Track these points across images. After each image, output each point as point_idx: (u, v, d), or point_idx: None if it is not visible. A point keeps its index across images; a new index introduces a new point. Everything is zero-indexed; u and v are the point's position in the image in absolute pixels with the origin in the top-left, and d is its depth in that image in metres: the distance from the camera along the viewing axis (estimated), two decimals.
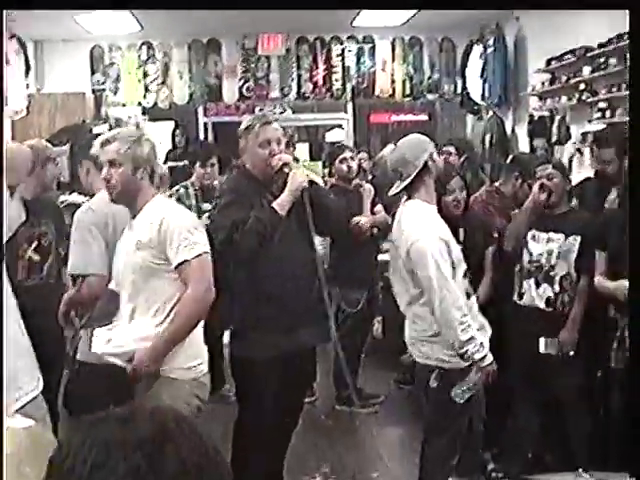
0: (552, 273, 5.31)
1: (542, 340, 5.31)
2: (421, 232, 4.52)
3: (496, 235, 5.74)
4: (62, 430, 4.36)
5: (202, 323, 4.14)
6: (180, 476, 1.37)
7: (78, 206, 5.10)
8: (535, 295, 5.37)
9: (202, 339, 4.23)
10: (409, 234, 4.56)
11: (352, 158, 7.33)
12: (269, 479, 5.21)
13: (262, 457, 4.93)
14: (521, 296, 5.45)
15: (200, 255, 4.05)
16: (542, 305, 5.34)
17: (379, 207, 7.15)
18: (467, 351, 4.40)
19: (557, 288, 5.29)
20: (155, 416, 1.47)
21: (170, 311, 4.05)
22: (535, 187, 5.42)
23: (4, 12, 4.82)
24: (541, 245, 5.37)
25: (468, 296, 4.61)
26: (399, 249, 4.64)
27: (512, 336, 5.46)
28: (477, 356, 4.43)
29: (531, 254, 5.40)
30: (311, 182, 5.01)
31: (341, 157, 7.25)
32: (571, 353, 5.26)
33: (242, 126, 5.01)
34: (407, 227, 4.63)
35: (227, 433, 4.99)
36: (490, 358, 4.49)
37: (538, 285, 5.36)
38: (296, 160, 7.59)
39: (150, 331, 4.04)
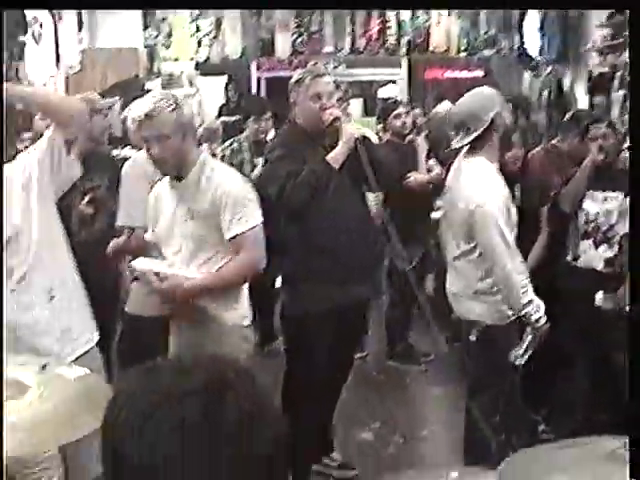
0: (611, 233, 5.23)
1: (599, 294, 5.23)
2: (487, 196, 4.45)
3: (552, 194, 5.66)
4: (117, 381, 4.40)
5: None
6: (236, 425, 1.37)
7: None
8: (594, 256, 5.30)
9: (246, 288, 4.26)
10: (473, 195, 4.49)
11: (406, 114, 7.27)
12: (319, 432, 5.24)
13: (311, 410, 4.94)
14: (576, 257, 5.38)
15: (253, 228, 4.03)
16: (600, 266, 5.26)
17: (432, 162, 7.10)
18: (527, 313, 4.43)
19: (616, 248, 5.21)
20: (214, 365, 1.46)
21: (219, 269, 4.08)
22: (593, 148, 5.34)
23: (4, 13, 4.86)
24: (598, 204, 5.29)
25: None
26: (458, 204, 4.57)
27: (566, 297, 5.40)
28: (534, 317, 4.45)
29: (587, 214, 5.32)
30: (363, 137, 4.96)
31: (395, 113, 7.20)
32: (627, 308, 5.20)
33: (293, 79, 4.97)
34: (470, 186, 4.56)
35: (277, 386, 4.99)
36: (545, 319, 4.49)
37: (597, 246, 5.28)
38: (349, 117, 7.55)
39: (194, 274, 4.07)
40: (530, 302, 4.43)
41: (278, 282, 5.33)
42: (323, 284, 4.78)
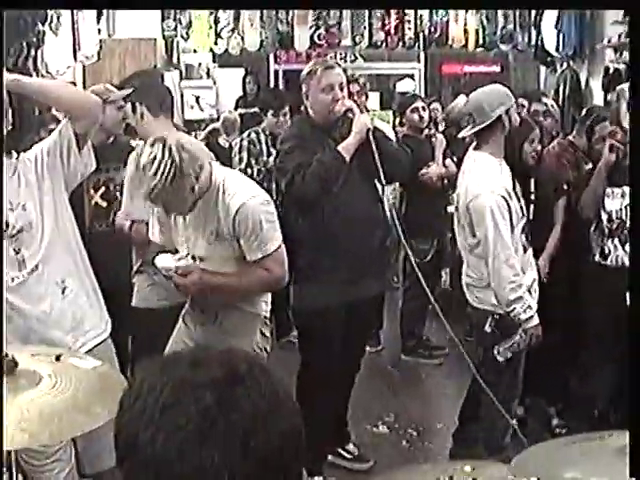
0: None
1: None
2: (482, 188, 4.56)
3: (565, 187, 5.68)
4: (134, 372, 4.42)
5: None
6: (250, 419, 1.38)
7: None
8: (622, 253, 5.30)
9: None
10: (470, 187, 4.63)
11: (424, 108, 7.27)
12: (334, 422, 5.25)
13: (326, 400, 4.92)
14: (605, 257, 5.38)
15: (276, 250, 3.97)
16: None
17: (448, 161, 7.11)
18: (514, 309, 4.50)
19: None
20: (227, 358, 1.47)
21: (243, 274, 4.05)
22: (605, 149, 5.38)
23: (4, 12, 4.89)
24: (617, 201, 5.30)
25: (525, 250, 4.67)
26: (460, 199, 4.71)
27: (593, 295, 5.42)
28: (523, 316, 4.52)
29: (610, 212, 5.33)
30: (375, 128, 4.93)
31: (413, 106, 7.20)
32: None
33: (304, 71, 4.95)
34: (469, 180, 4.69)
35: (293, 379, 4.99)
36: (536, 321, 4.56)
37: (624, 243, 5.28)
38: (367, 109, 7.53)
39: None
40: (519, 299, 4.49)
41: None
42: (333, 278, 4.76)
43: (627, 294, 5.15)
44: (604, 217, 5.36)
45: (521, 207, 4.73)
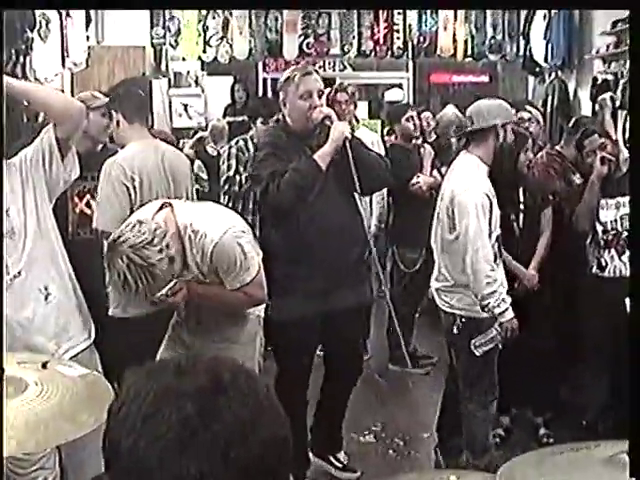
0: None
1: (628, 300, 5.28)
2: (469, 184, 4.68)
3: (552, 197, 5.71)
4: (124, 379, 4.39)
5: None
6: (231, 429, 1.38)
7: None
8: (620, 264, 5.33)
9: None
10: (458, 182, 4.75)
11: (418, 117, 7.29)
12: (324, 429, 5.26)
13: (302, 410, 4.94)
14: (603, 268, 5.41)
15: (254, 277, 3.98)
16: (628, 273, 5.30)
17: (436, 173, 7.12)
18: (489, 304, 4.58)
19: None
20: (213, 366, 1.47)
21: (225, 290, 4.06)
22: (597, 162, 5.44)
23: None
24: (612, 212, 5.34)
25: (495, 258, 4.70)
26: (445, 193, 4.79)
27: (591, 307, 5.47)
28: (497, 310, 4.59)
29: (604, 224, 5.36)
30: (353, 136, 4.84)
31: (408, 115, 7.20)
32: None
33: (282, 77, 4.89)
34: (457, 176, 4.82)
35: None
36: (510, 315, 4.63)
37: (621, 254, 5.32)
38: (356, 119, 7.53)
39: None
40: (493, 293, 4.56)
41: None
42: (308, 288, 4.69)
43: (627, 300, 5.23)
44: (599, 229, 5.41)
45: (500, 217, 4.78)
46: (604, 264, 5.39)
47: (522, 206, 5.42)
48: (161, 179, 4.89)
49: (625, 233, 5.27)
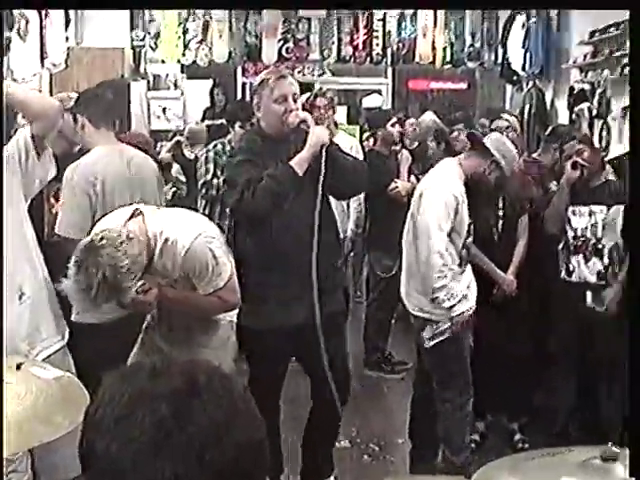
0: (599, 246, 5.31)
1: (589, 295, 5.33)
2: (439, 182, 4.77)
3: (529, 205, 5.74)
4: (103, 381, 4.36)
5: None
6: (205, 432, 1.38)
7: None
8: (585, 270, 5.37)
9: None
10: (428, 181, 4.87)
11: (401, 123, 7.31)
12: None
13: (274, 415, 4.86)
14: (570, 273, 5.45)
15: (227, 282, 4.00)
16: (593, 279, 5.34)
17: (413, 178, 7.14)
18: (438, 297, 4.64)
19: (606, 260, 5.29)
20: (188, 368, 1.47)
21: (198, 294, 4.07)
22: (567, 165, 5.49)
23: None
24: (584, 219, 5.37)
25: (460, 264, 4.78)
26: (416, 192, 4.92)
27: (559, 311, 5.52)
28: (446, 304, 4.65)
29: (575, 230, 5.40)
30: (331, 142, 4.72)
31: (393, 121, 7.22)
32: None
33: (256, 81, 4.80)
34: (430, 175, 4.93)
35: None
36: (461, 309, 4.69)
37: (587, 260, 5.35)
38: (335, 124, 7.51)
39: None
40: (443, 287, 4.61)
41: None
42: (274, 300, 4.56)
43: (587, 295, 5.30)
44: (570, 234, 5.43)
45: (469, 224, 4.80)
46: (571, 269, 5.43)
47: (501, 212, 5.46)
48: (127, 184, 4.82)
49: (592, 241, 5.32)
